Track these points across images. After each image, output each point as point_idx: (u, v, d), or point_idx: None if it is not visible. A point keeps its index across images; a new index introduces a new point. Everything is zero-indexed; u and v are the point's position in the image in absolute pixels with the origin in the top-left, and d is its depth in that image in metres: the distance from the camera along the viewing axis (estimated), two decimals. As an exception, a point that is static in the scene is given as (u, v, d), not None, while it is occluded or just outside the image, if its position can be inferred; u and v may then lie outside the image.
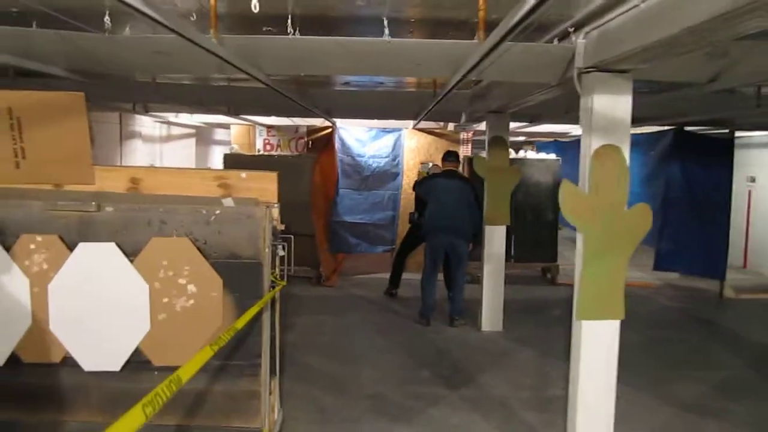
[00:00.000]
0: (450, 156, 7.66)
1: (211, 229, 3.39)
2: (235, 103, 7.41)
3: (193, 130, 12.73)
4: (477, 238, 7.46)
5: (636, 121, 8.60)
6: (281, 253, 3.83)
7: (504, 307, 7.34)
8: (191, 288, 3.41)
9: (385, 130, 10.15)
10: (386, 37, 3.58)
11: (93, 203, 3.44)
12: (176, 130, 12.21)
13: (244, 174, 3.85)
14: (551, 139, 14.88)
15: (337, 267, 9.72)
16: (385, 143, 10.09)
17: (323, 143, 9.94)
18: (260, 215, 3.41)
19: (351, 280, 9.85)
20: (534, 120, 8.59)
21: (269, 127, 10.32)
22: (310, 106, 6.41)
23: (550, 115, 8.11)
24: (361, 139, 9.98)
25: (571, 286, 9.33)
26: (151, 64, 3.93)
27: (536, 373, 6.02)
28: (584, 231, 3.65)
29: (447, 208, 7.24)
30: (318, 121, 10.05)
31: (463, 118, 8.73)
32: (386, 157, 10.06)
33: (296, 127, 10.27)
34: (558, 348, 6.76)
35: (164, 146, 11.69)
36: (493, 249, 7.17)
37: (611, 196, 3.61)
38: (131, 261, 3.40)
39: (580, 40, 3.61)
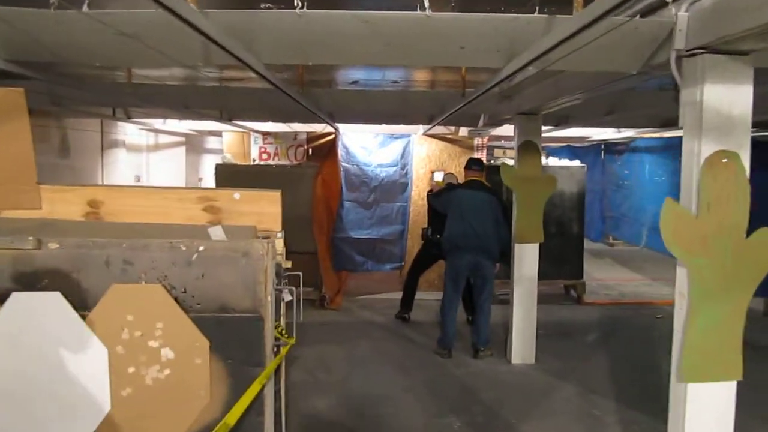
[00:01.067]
0: (474, 164, 6.76)
1: (193, 271, 2.47)
2: (228, 106, 6.50)
3: (182, 139, 11.79)
4: (504, 258, 6.57)
5: (670, 123, 7.73)
6: (288, 298, 2.92)
7: (531, 332, 6.47)
8: (167, 353, 2.48)
9: (393, 136, 9.24)
10: (425, 11, 2.68)
11: (31, 239, 2.51)
12: (164, 139, 11.28)
13: (237, 194, 2.93)
14: (563, 144, 13.99)
15: (341, 287, 8.79)
16: (393, 151, 9.18)
17: (325, 151, 9.02)
18: (260, 252, 2.49)
19: (357, 302, 8.93)
20: (560, 123, 7.70)
21: (265, 134, 9.39)
22: (312, 108, 5.49)
23: (585, 118, 7.22)
24: (367, 146, 9.06)
25: (599, 305, 8.48)
26: (115, 50, 3.03)
27: (585, 418, 5.11)
28: (691, 264, 2.75)
29: (471, 223, 6.34)
30: (319, 127, 9.14)
31: (482, 122, 7.84)
32: (395, 165, 9.14)
33: (295, 134, 9.35)
34: (602, 384, 5.87)
35: (151, 156, 10.76)
36: (523, 270, 6.27)
37: (727, 219, 2.72)
38: (83, 317, 2.48)
39: (682, 13, 2.72)
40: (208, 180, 11.94)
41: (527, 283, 6.26)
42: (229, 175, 8.62)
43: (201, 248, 2.50)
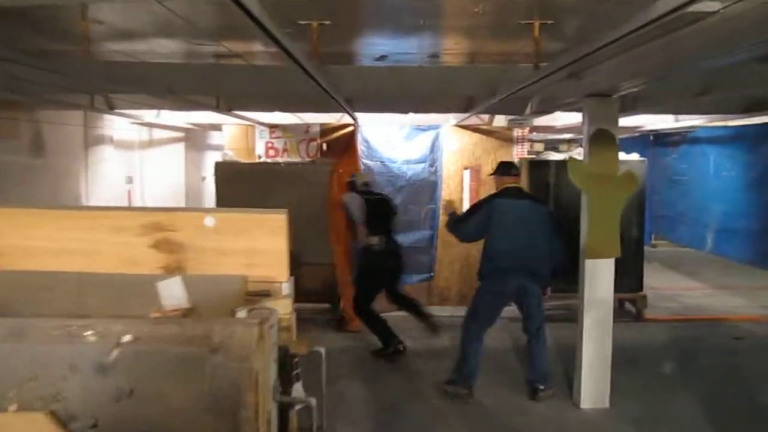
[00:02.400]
0: (512, 168, 5.60)
1: (110, 383, 1.24)
2: (224, 90, 5.25)
3: (181, 134, 10.59)
4: (558, 275, 5.39)
5: (757, 107, 6.40)
6: (302, 404, 1.68)
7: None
8: None
9: (420, 128, 7.98)
10: None
11: None
12: (160, 134, 10.08)
13: (210, 219, 1.69)
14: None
15: (361, 303, 7.54)
16: (421, 144, 7.91)
17: (342, 146, 7.77)
18: (247, 340, 1.25)
19: (380, 321, 7.68)
20: (625, 110, 6.39)
21: (272, 127, 8.14)
22: (330, 90, 4.26)
23: (662, 101, 5.94)
24: (391, 139, 7.79)
25: (663, 322, 7.17)
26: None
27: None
28: None
29: (517, 239, 5.16)
30: (334, 118, 7.91)
31: (529, 109, 6.58)
32: (423, 162, 7.87)
33: (307, 126, 8.09)
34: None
35: (145, 154, 9.56)
36: (596, 291, 5.01)
37: None
38: None
39: None
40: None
41: (601, 309, 5.00)
42: (231, 175, 7.45)
43: (126, 338, 1.26)
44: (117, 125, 8.58)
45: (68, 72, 4.00)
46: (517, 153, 8.25)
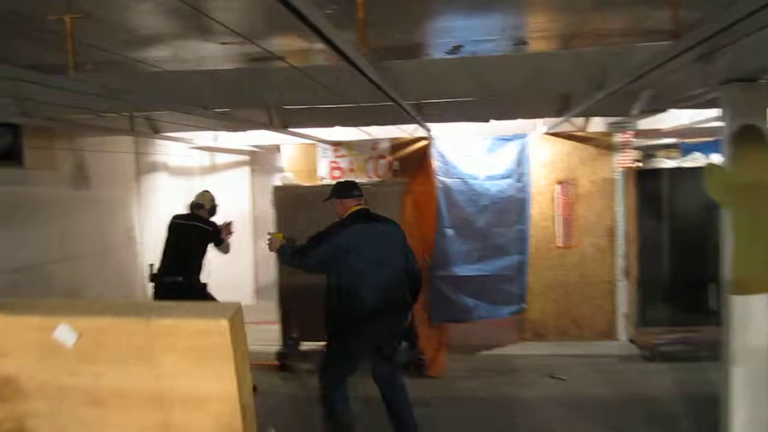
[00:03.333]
0: (352, 189, 4.54)
1: None
2: (265, 100, 4.39)
3: (246, 157, 9.91)
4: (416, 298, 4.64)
5: None
6: None
7: None
8: None
9: (503, 138, 6.93)
10: None
11: None
12: (223, 158, 9.46)
13: (66, 331, 0.74)
14: (709, 139, 11.16)
15: (441, 341, 6.54)
16: (505, 157, 6.84)
17: (415, 163, 6.82)
18: None
19: (464, 362, 6.62)
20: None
21: (336, 145, 7.29)
22: (387, 89, 3.32)
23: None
24: (472, 152, 6.78)
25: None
26: None
27: None
28: None
29: (384, 270, 4.29)
30: (407, 132, 6.98)
31: (638, 107, 5.44)
32: (508, 177, 6.80)
33: (374, 142, 7.19)
34: None
35: (206, 180, 8.93)
36: (747, 338, 3.82)
37: None
38: None
39: None
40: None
41: (755, 361, 3.80)
42: (291, 201, 6.62)
43: None
44: (173, 150, 7.97)
45: (66, 86, 3.22)
46: (620, 162, 7.09)
